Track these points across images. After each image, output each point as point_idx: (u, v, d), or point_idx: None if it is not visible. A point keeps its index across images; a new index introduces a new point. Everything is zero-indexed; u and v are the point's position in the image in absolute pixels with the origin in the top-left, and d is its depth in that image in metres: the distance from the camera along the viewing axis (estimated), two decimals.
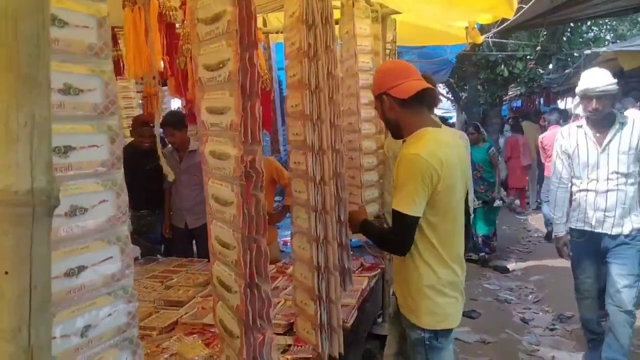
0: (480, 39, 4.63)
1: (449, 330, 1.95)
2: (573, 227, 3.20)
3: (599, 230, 3.03)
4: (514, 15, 5.03)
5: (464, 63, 9.50)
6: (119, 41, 2.95)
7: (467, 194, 2.06)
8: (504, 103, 14.81)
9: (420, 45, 5.79)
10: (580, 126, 3.12)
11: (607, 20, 14.15)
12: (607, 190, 2.97)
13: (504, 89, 10.16)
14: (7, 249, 0.50)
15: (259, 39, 2.76)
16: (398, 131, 1.98)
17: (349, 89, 2.99)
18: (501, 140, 9.50)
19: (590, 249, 3.14)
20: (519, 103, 16.80)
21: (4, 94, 0.55)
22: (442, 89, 14.10)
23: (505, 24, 5.43)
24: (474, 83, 10.14)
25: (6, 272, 0.49)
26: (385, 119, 2.00)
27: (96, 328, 0.83)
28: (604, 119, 2.94)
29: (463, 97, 11.75)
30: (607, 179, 2.97)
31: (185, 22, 1.96)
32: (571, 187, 3.24)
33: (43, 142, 0.56)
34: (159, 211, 4.03)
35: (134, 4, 1.61)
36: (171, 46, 1.85)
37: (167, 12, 1.71)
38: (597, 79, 2.89)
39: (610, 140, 2.95)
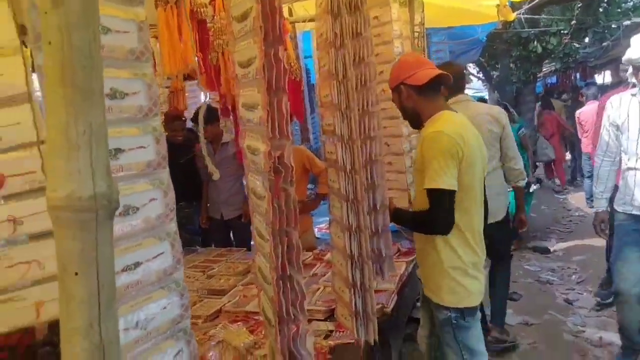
0: (512, 16, 4.49)
1: (475, 309, 1.99)
2: (620, 210, 2.86)
3: None
4: None
5: (494, 41, 9.22)
6: (151, 39, 3.02)
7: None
8: (538, 80, 14.32)
9: (450, 25, 5.66)
10: (635, 95, 2.77)
11: None
12: None
13: (538, 65, 9.81)
14: (75, 253, 0.54)
15: (286, 30, 2.77)
16: (417, 119, 2.05)
17: (381, 74, 2.97)
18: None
19: (638, 237, 2.78)
20: (554, 79, 16.20)
21: (62, 106, 0.58)
22: (472, 68, 13.76)
23: (537, 0, 5.25)
24: (506, 61, 9.83)
25: (76, 274, 0.53)
26: (403, 109, 2.07)
27: (153, 320, 0.87)
28: None
29: (495, 76, 11.42)
30: None
31: (215, 17, 1.99)
32: (619, 163, 2.92)
33: (101, 149, 0.59)
34: (196, 203, 4.14)
35: (166, 3, 1.64)
36: (203, 42, 1.88)
37: (198, 9, 1.74)
38: None
39: None
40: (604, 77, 11.45)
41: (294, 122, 3.87)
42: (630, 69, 2.76)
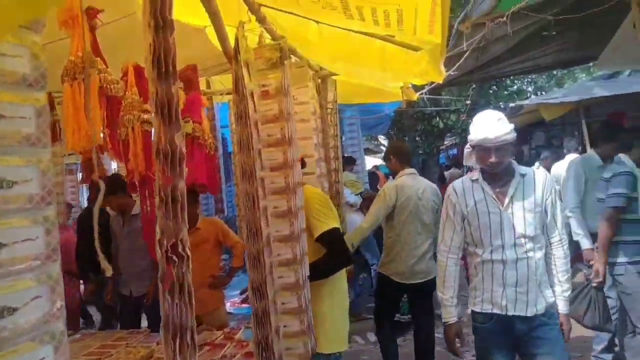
0: (415, 96, 4.94)
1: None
2: (477, 310, 2.45)
3: (511, 312, 2.34)
4: (447, 73, 5.44)
5: (402, 116, 10.01)
6: (57, 106, 2.90)
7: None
8: (441, 152, 15.58)
9: (360, 102, 6.06)
10: (476, 180, 2.44)
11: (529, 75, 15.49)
12: (517, 259, 2.32)
13: (440, 139, 10.74)
14: None
15: (202, 104, 2.81)
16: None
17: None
18: None
19: (501, 338, 2.40)
20: (455, 151, 17.74)
21: None
22: (383, 140, 14.67)
23: (436, 83, 5.81)
24: (413, 135, 10.67)
25: None
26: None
27: None
28: (503, 171, 2.36)
29: None
30: (514, 244, 2.33)
31: (127, 93, 1.97)
32: (466, 257, 2.59)
33: None
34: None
35: (73, 79, 1.61)
36: (112, 118, 1.84)
37: (107, 85, 1.72)
38: (495, 126, 2.28)
39: (512, 196, 2.36)
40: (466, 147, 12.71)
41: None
42: (468, 150, 2.47)
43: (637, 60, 4.37)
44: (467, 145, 2.49)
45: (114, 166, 4.99)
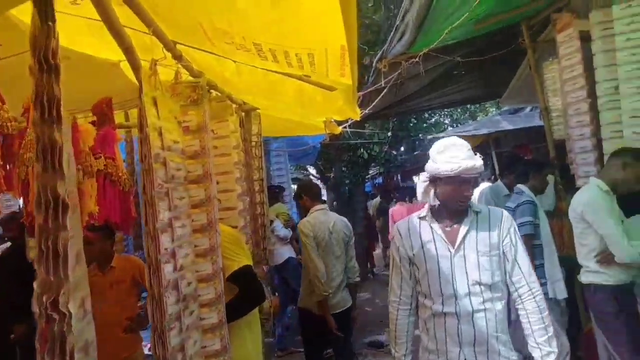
0: (338, 129, 5.08)
1: None
2: None
3: None
4: (366, 109, 5.67)
5: (328, 147, 10.24)
6: None
7: None
8: (366, 181, 16.05)
9: (286, 135, 6.14)
10: (424, 217, 2.11)
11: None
12: (473, 312, 1.97)
13: (365, 169, 11.07)
14: None
15: (115, 139, 2.70)
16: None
17: (218, 185, 3.02)
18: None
19: None
20: (380, 180, 18.37)
21: None
22: (311, 169, 14.86)
23: (361, 115, 6.04)
24: (339, 165, 10.91)
25: None
26: None
27: None
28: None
29: (331, 178, 12.49)
30: (469, 293, 1.98)
31: (28, 130, 1.85)
32: (416, 309, 2.17)
33: None
34: None
35: None
36: (9, 156, 1.72)
37: (4, 123, 1.61)
38: (473, 155, 1.96)
39: (465, 237, 2.01)
40: (419, 178, 13.35)
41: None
42: (424, 184, 2.08)
43: (533, 98, 4.83)
44: (423, 179, 2.09)
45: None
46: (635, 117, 3.15)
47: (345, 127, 6.05)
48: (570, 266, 3.56)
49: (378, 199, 10.96)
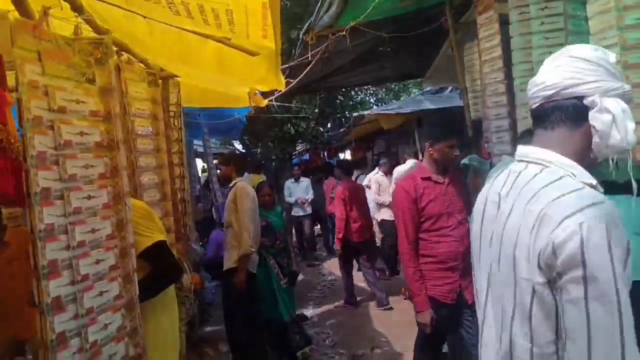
0: (264, 102, 4.93)
1: None
2: None
3: None
4: (293, 82, 5.55)
5: (254, 122, 10.00)
6: None
7: None
8: (293, 157, 16.00)
9: (207, 106, 5.86)
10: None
11: (370, 87, 16.83)
12: None
13: (292, 145, 11.00)
14: None
15: (7, 102, 2.37)
16: None
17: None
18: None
19: None
20: (307, 157, 18.40)
21: None
22: (237, 144, 14.53)
23: (285, 89, 5.90)
24: (266, 140, 10.75)
25: None
26: None
27: None
28: None
29: (257, 153, 12.29)
30: None
31: None
32: None
33: None
34: None
35: None
36: None
37: None
38: None
39: None
40: (345, 156, 13.53)
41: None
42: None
43: (454, 79, 4.98)
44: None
45: None
46: None
47: (271, 101, 5.89)
48: None
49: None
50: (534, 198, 1.10)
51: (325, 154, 16.41)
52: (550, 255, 1.02)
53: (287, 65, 5.61)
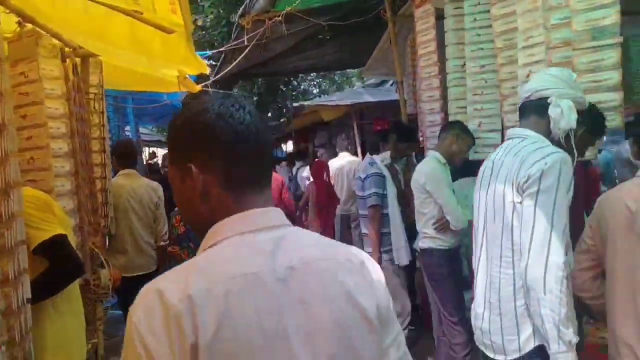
0: (197, 88, 4.68)
1: None
2: None
3: None
4: (231, 66, 5.34)
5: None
6: None
7: None
8: None
9: (134, 90, 5.51)
10: None
11: (314, 77, 16.72)
12: None
13: None
14: None
15: None
16: None
17: (29, 140, 2.50)
18: None
19: None
20: None
21: None
22: None
23: (221, 75, 5.68)
24: None
25: None
26: None
27: None
28: None
29: None
30: None
31: None
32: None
33: None
34: None
35: None
36: None
37: None
38: None
39: None
40: (286, 148, 13.38)
41: None
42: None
43: (392, 71, 4.98)
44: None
45: None
46: (476, 94, 3.36)
47: (206, 87, 5.65)
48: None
49: None
50: (518, 152, 1.75)
51: None
52: (525, 182, 1.66)
53: (221, 49, 5.40)
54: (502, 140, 2.95)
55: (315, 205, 5.44)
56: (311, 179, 6.85)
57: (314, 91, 16.79)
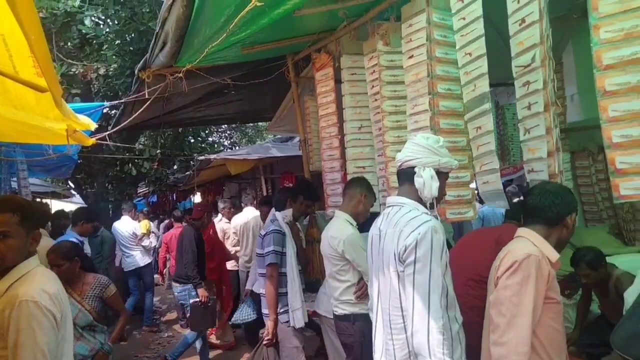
0: (90, 141, 4.40)
1: None
2: None
3: None
4: (131, 118, 5.11)
5: (90, 160, 9.06)
6: None
7: None
8: (139, 199, 14.84)
9: (18, 142, 5.07)
10: None
11: (225, 129, 16.66)
12: None
13: (133, 186, 10.16)
14: None
15: None
16: None
17: None
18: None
19: None
20: (155, 199, 17.21)
21: None
22: (72, 183, 12.99)
23: (121, 126, 5.43)
24: (102, 180, 9.77)
25: None
26: None
27: None
28: None
29: (91, 194, 11.10)
30: None
31: None
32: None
33: None
34: None
35: None
36: None
37: None
38: None
39: None
40: (192, 201, 12.92)
41: None
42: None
43: (295, 129, 5.09)
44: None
45: None
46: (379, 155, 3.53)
47: (103, 139, 5.35)
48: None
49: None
50: (397, 223, 1.91)
51: (174, 196, 15.56)
52: (404, 252, 1.81)
53: (120, 101, 5.18)
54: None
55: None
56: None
57: (225, 142, 16.66)
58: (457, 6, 2.52)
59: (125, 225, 7.25)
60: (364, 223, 3.32)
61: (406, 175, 1.98)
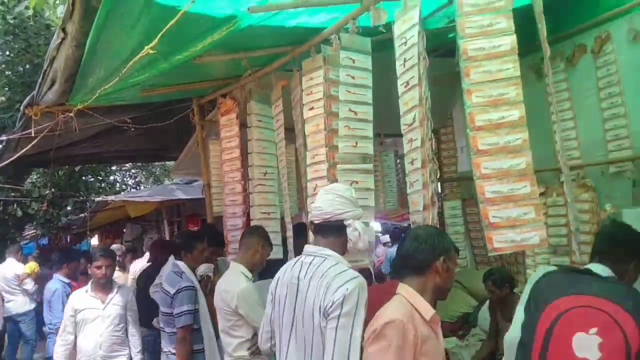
0: None
1: None
2: None
3: None
4: (15, 156, 4.66)
5: None
6: None
7: None
8: (27, 242, 13.40)
9: None
10: None
11: (129, 168, 15.81)
12: None
13: (18, 228, 9.19)
14: None
15: None
16: None
17: None
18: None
19: None
20: (45, 241, 15.67)
21: None
22: None
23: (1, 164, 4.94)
24: None
25: None
26: None
27: None
28: None
29: None
30: None
31: None
32: None
33: None
34: None
35: None
36: None
37: None
38: None
39: None
40: (89, 243, 12.01)
41: None
42: None
43: (199, 172, 4.97)
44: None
45: None
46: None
47: None
48: None
49: None
50: (322, 275, 1.88)
51: (68, 239, 14.30)
52: (330, 307, 1.80)
53: (2, 138, 4.74)
54: None
55: None
56: None
57: (130, 182, 15.78)
58: (346, 62, 2.67)
59: (10, 268, 6.79)
60: (266, 269, 3.24)
61: (333, 228, 1.96)
